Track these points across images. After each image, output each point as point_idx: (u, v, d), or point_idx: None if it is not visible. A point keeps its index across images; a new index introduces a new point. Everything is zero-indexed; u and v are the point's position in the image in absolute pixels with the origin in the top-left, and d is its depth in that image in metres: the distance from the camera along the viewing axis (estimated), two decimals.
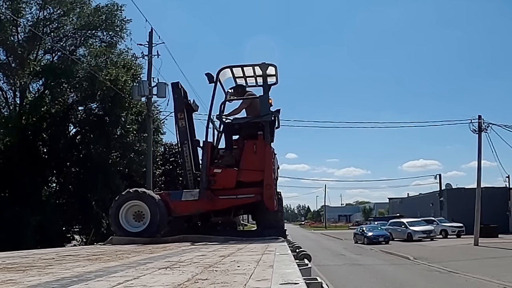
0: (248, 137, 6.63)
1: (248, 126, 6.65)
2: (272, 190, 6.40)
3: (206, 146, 6.58)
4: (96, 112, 22.19)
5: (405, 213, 44.76)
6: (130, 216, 6.42)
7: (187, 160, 6.79)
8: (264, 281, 1.79)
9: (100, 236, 18.39)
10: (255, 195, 6.39)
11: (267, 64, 6.64)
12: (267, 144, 6.45)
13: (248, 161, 6.46)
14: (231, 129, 6.83)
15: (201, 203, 6.38)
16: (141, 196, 6.43)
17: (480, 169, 27.09)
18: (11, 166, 19.90)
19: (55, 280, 2.08)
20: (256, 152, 6.44)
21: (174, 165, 30.65)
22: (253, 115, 6.72)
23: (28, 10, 21.15)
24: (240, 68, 7.02)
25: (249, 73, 7.14)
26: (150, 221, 6.26)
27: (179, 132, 6.94)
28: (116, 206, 6.41)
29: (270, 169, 6.39)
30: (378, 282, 14.47)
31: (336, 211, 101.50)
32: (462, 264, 16.89)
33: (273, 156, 6.62)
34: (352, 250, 27.22)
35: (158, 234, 6.33)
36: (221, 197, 6.41)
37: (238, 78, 7.30)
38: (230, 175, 6.44)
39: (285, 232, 6.90)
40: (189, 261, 2.92)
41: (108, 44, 22.36)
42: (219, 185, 6.43)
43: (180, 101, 6.97)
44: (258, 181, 6.37)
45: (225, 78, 7.17)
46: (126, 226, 6.36)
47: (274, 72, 6.82)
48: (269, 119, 6.53)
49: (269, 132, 6.48)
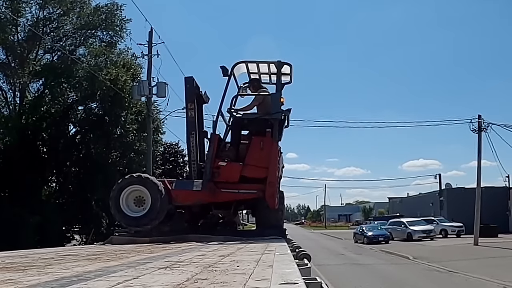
0: (256, 133, 6.59)
1: (257, 123, 6.62)
2: (275, 188, 6.38)
3: (214, 138, 6.56)
4: (96, 112, 22.20)
5: (405, 213, 44.73)
6: (131, 200, 6.38)
7: (193, 151, 6.73)
8: (263, 281, 1.79)
9: (99, 235, 18.38)
10: (257, 192, 6.37)
11: (282, 63, 6.64)
12: (274, 142, 6.43)
13: (254, 157, 6.43)
14: (240, 124, 6.81)
15: (202, 194, 6.34)
16: (143, 181, 6.40)
17: (480, 168, 27.09)
18: (11, 166, 19.89)
19: (55, 279, 2.08)
20: (262, 149, 6.41)
21: (174, 165, 30.69)
22: (263, 112, 6.69)
23: (28, 10, 21.21)
24: (255, 64, 7.01)
25: (264, 70, 7.13)
26: (150, 207, 6.22)
27: (187, 122, 6.90)
28: (118, 189, 6.38)
29: (274, 167, 6.37)
30: (378, 281, 14.47)
31: (336, 210, 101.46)
32: (462, 264, 16.89)
33: (279, 155, 6.60)
34: (352, 250, 27.22)
35: (157, 220, 6.29)
36: (223, 190, 6.37)
37: (253, 74, 7.29)
38: (234, 169, 6.40)
39: (284, 231, 6.90)
40: (188, 261, 2.92)
41: (108, 43, 22.37)
42: (222, 178, 6.40)
43: (191, 91, 6.93)
44: (261, 178, 6.33)
45: (239, 72, 7.15)
46: (126, 210, 6.32)
47: (289, 71, 6.82)
48: (279, 117, 6.50)
49: (277, 130, 6.46)
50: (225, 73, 6.61)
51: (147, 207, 6.26)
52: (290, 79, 6.92)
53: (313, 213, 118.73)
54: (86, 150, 21.83)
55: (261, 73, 7.24)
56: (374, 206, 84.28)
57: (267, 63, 6.89)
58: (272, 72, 7.00)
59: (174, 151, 31.37)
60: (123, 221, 6.39)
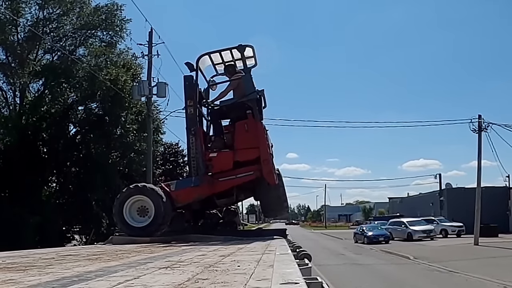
0: (238, 118, 6.66)
1: (236, 108, 6.68)
2: (270, 165, 6.45)
3: (198, 132, 6.58)
4: (96, 112, 22.21)
5: (405, 213, 44.72)
6: (134, 212, 6.39)
7: (193, 147, 6.72)
8: (264, 281, 1.79)
9: (100, 235, 18.40)
10: (254, 172, 6.42)
11: (244, 46, 6.66)
12: (258, 121, 6.50)
13: (242, 141, 6.50)
14: (220, 113, 6.88)
15: (201, 189, 6.37)
16: (142, 190, 6.42)
17: (480, 168, 27.08)
18: (11, 166, 19.89)
19: (55, 279, 2.07)
20: (248, 131, 6.48)
21: (174, 165, 30.70)
22: (240, 96, 6.73)
23: (28, 10, 21.21)
24: (218, 53, 6.99)
25: (228, 58, 7.12)
26: (155, 214, 6.22)
27: (187, 119, 6.88)
28: (119, 204, 6.39)
29: (265, 145, 6.44)
30: (378, 281, 14.47)
31: (336, 210, 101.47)
32: (462, 264, 16.88)
33: (265, 133, 6.64)
34: (352, 250, 27.21)
35: (164, 225, 6.31)
36: (220, 179, 6.43)
37: (218, 64, 7.28)
38: (226, 157, 6.47)
39: (285, 231, 6.91)
40: (189, 261, 2.92)
41: (108, 44, 22.36)
42: (217, 168, 6.47)
43: (191, 89, 6.92)
44: (255, 159, 6.41)
45: (205, 65, 7.13)
46: (131, 222, 6.33)
47: (252, 53, 6.81)
48: (255, 96, 6.59)
49: (257, 110, 6.53)
50: (191, 69, 6.64)
51: (152, 214, 6.26)
52: (255, 62, 6.90)
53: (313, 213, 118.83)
54: (86, 150, 21.83)
55: (226, 62, 7.21)
56: (374, 206, 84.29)
57: (229, 49, 6.86)
58: (236, 58, 7.00)
59: (174, 151, 31.38)
60: (131, 233, 6.32)
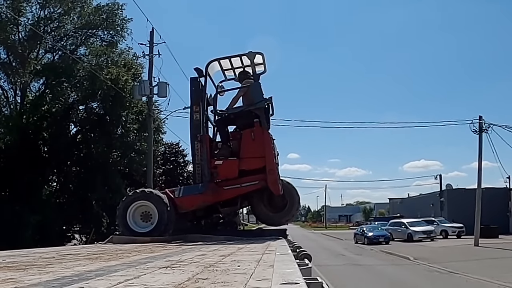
0: (245, 126, 6.62)
1: (244, 116, 6.65)
2: (276, 175, 6.43)
3: (205, 139, 6.56)
4: (96, 112, 22.21)
5: (405, 214, 44.74)
6: (137, 216, 6.40)
7: (197, 154, 6.68)
8: (264, 281, 1.79)
9: (100, 235, 18.38)
10: (259, 182, 6.40)
11: (254, 53, 6.63)
12: (265, 130, 6.47)
13: (248, 149, 6.47)
14: (227, 121, 6.84)
15: (206, 196, 6.36)
16: (148, 196, 6.40)
17: (480, 169, 27.09)
18: (11, 165, 19.90)
19: (56, 279, 2.07)
20: (254, 139, 6.45)
21: (174, 165, 30.73)
22: (249, 103, 6.70)
23: (29, 9, 21.24)
24: (227, 59, 6.99)
25: (237, 64, 7.11)
26: (158, 221, 6.23)
27: (192, 125, 6.87)
28: (123, 208, 6.38)
29: (270, 154, 6.41)
30: (378, 282, 14.47)
31: (336, 211, 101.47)
32: (462, 265, 16.88)
33: (272, 142, 6.62)
34: (353, 250, 27.22)
35: (166, 233, 6.29)
36: (225, 187, 6.41)
37: (227, 70, 7.27)
38: (232, 165, 6.44)
39: (285, 231, 6.90)
40: (189, 261, 2.92)
41: (109, 43, 22.39)
42: (222, 176, 6.44)
43: (197, 93, 6.89)
44: (260, 168, 6.39)
45: (214, 71, 7.12)
46: (134, 227, 6.33)
47: (261, 60, 6.79)
48: (263, 105, 6.56)
49: (264, 118, 6.50)
50: (200, 74, 6.63)
51: (155, 221, 6.27)
52: (264, 69, 6.90)
53: (313, 213, 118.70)
54: (86, 150, 21.83)
55: (235, 68, 7.20)
56: (374, 206, 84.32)
57: (239, 56, 6.86)
58: (246, 64, 6.98)
59: (174, 151, 31.41)
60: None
